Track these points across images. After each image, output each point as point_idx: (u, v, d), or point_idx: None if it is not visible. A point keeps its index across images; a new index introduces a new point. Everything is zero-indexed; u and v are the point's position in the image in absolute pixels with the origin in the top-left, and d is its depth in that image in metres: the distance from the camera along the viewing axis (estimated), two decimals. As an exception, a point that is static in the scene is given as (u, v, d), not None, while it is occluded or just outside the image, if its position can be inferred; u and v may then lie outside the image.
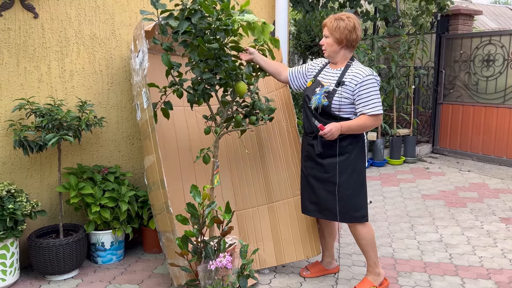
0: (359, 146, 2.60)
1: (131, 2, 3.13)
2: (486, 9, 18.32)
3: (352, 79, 2.48)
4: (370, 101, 2.45)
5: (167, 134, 3.10)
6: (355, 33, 2.50)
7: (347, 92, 2.47)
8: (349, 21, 2.48)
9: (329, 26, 2.51)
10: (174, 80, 2.55)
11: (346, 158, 2.56)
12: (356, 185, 2.58)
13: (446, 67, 6.75)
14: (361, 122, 2.48)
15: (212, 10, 2.32)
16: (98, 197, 2.91)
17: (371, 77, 2.46)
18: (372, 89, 2.45)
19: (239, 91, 2.55)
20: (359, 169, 2.60)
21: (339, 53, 2.55)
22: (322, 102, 2.50)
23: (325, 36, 2.57)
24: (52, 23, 2.87)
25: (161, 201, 2.59)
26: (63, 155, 3.02)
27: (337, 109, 2.50)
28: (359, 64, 2.56)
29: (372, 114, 2.46)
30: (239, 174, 3.14)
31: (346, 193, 2.56)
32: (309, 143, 2.68)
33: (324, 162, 2.59)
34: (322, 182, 2.62)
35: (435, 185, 5.18)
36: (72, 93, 3.01)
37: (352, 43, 2.53)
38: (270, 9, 3.85)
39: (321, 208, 2.65)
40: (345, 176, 2.56)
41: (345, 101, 2.48)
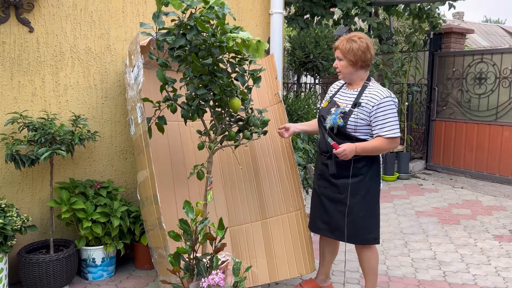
0: (375, 168, 2.55)
1: (127, 17, 3.15)
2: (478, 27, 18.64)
3: (369, 100, 2.43)
4: (388, 123, 2.40)
5: (160, 149, 3.08)
6: (369, 53, 2.46)
7: (363, 114, 2.43)
8: (362, 42, 2.44)
9: (342, 48, 2.46)
10: (168, 96, 2.55)
11: (360, 179, 2.51)
12: (369, 207, 2.54)
13: (439, 84, 6.82)
14: (377, 144, 2.43)
15: (207, 27, 2.33)
16: (90, 212, 2.88)
17: (389, 99, 2.42)
18: (390, 111, 2.40)
19: (234, 107, 2.56)
20: (373, 191, 2.55)
21: (354, 75, 2.51)
22: (337, 122, 2.46)
23: (339, 59, 2.51)
24: (47, 37, 2.88)
25: (154, 216, 2.56)
26: (55, 170, 2.99)
27: (353, 130, 2.45)
28: (376, 85, 2.51)
29: (389, 137, 2.41)
30: (232, 189, 3.12)
31: (359, 215, 2.52)
32: (323, 163, 2.64)
33: (338, 183, 2.55)
34: (335, 202, 2.58)
35: (429, 201, 5.18)
36: (66, 107, 3.00)
37: (366, 63, 2.49)
38: (265, 25, 3.89)
39: (333, 228, 2.60)
40: (358, 198, 2.52)
41: (361, 122, 2.44)
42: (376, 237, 2.57)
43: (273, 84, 3.32)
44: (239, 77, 2.59)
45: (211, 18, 2.40)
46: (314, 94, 6.07)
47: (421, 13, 6.06)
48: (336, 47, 2.52)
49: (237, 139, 2.73)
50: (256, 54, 2.40)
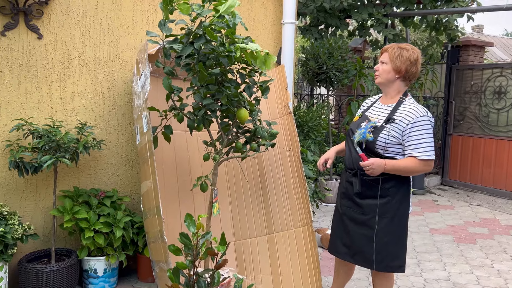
0: (404, 189, 2.36)
1: (136, 25, 3.12)
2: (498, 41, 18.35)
3: (403, 117, 2.27)
4: (422, 144, 2.23)
5: (166, 159, 3.03)
6: (415, 67, 2.32)
7: (396, 131, 2.27)
8: (413, 53, 2.32)
9: (390, 52, 2.33)
10: (174, 105, 2.50)
11: (387, 201, 2.32)
12: (396, 232, 2.34)
13: (456, 98, 6.66)
14: (408, 164, 2.25)
15: (216, 36, 2.28)
16: (93, 222, 2.82)
17: (425, 118, 2.25)
18: (425, 131, 2.24)
19: (241, 118, 2.49)
20: (401, 215, 2.35)
21: (393, 83, 2.36)
22: (367, 137, 2.30)
23: (382, 62, 2.37)
24: (55, 44, 2.86)
25: (156, 228, 2.49)
26: (60, 178, 2.96)
27: (383, 148, 2.30)
28: (413, 101, 2.35)
29: (422, 159, 2.23)
30: (238, 202, 3.04)
31: (384, 240, 2.33)
32: (348, 180, 2.45)
33: (362, 203, 2.37)
34: (358, 224, 2.40)
35: (444, 218, 5.01)
36: (73, 114, 2.97)
37: (410, 76, 2.34)
38: (277, 35, 3.83)
39: (354, 252, 2.42)
40: (385, 221, 2.33)
41: (392, 140, 2.28)
42: (402, 264, 2.36)
43: (283, 95, 3.25)
44: (246, 89, 2.53)
45: (222, 28, 2.34)
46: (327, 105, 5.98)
47: (438, 25, 5.94)
48: (385, 50, 2.39)
49: (243, 151, 2.66)
50: (264, 67, 2.33)
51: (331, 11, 5.73)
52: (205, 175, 2.47)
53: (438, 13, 5.53)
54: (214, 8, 2.37)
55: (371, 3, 5.85)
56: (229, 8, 2.34)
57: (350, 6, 5.62)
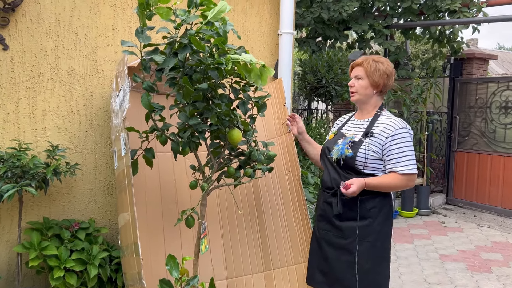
0: (386, 210, 2.21)
1: (117, 35, 2.80)
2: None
3: (382, 130, 2.16)
4: (403, 157, 2.11)
5: (150, 184, 2.67)
6: (391, 79, 2.26)
7: (375, 145, 2.14)
8: (388, 65, 2.24)
9: (366, 66, 2.21)
10: (155, 125, 2.16)
11: (368, 223, 2.16)
12: (378, 257, 2.17)
13: (460, 112, 6.38)
14: (389, 181, 2.12)
15: (203, 45, 1.96)
16: (64, 259, 2.45)
17: (405, 130, 2.15)
18: (406, 144, 2.12)
19: (233, 139, 2.15)
20: (383, 238, 2.20)
21: (371, 99, 2.26)
22: (345, 152, 2.16)
23: (358, 78, 2.25)
24: (24, 56, 2.53)
25: (134, 270, 2.13)
26: (27, 207, 2.59)
27: (362, 163, 2.15)
28: (390, 115, 2.26)
29: (404, 173, 2.11)
30: (232, 234, 2.68)
31: (365, 266, 2.14)
32: (326, 201, 2.28)
33: (342, 225, 2.19)
34: (337, 249, 2.21)
35: (453, 243, 4.67)
36: (43, 135, 2.62)
37: (386, 90, 2.28)
38: (274, 47, 3.53)
39: (332, 281, 2.21)
40: (366, 245, 2.15)
41: (372, 155, 2.14)
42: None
43: (280, 112, 2.92)
44: (240, 106, 2.19)
45: (211, 36, 2.03)
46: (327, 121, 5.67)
47: (441, 37, 5.68)
48: (359, 64, 2.26)
49: (237, 177, 2.32)
50: (259, 81, 2.00)
51: (330, 22, 5.46)
52: (191, 208, 2.12)
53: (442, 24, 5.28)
54: (201, 14, 2.05)
55: (371, 14, 5.59)
56: (218, 13, 2.02)
57: (349, 17, 5.36)
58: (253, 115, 2.33)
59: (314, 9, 5.33)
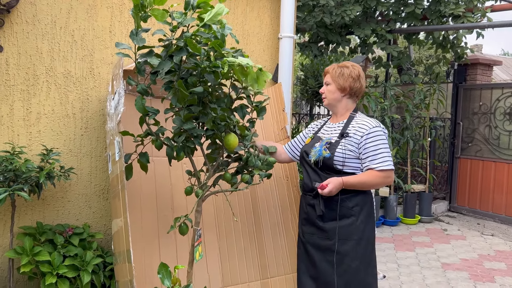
0: (368, 208, 2.23)
1: (114, 37, 2.76)
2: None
3: (357, 130, 2.21)
4: (379, 154, 2.15)
5: (145, 190, 2.62)
6: (359, 82, 2.29)
7: (351, 144, 2.19)
8: (354, 69, 2.29)
9: (332, 72, 2.31)
10: (149, 130, 2.11)
11: (352, 222, 2.17)
12: (365, 256, 2.18)
13: (464, 119, 6.30)
14: (367, 178, 2.15)
15: (199, 48, 1.91)
16: (56, 265, 2.40)
17: (379, 129, 2.20)
18: (380, 142, 2.17)
19: (229, 145, 2.10)
20: (367, 236, 2.21)
21: (340, 102, 2.32)
22: (323, 154, 2.21)
23: (326, 84, 2.35)
24: (19, 58, 2.49)
25: (126, 278, 2.08)
26: (21, 212, 2.55)
27: (341, 163, 2.19)
28: (363, 116, 2.32)
29: (381, 169, 2.14)
30: (228, 241, 2.63)
31: (352, 266, 2.13)
32: (308, 203, 2.30)
33: (325, 227, 2.21)
34: (323, 251, 2.21)
35: (456, 251, 4.59)
36: (38, 138, 2.58)
37: (355, 92, 2.31)
38: (274, 51, 3.48)
39: (321, 285, 2.19)
40: (350, 244, 2.15)
41: (349, 154, 2.19)
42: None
43: (279, 117, 2.87)
44: (238, 110, 2.14)
45: (207, 39, 1.98)
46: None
47: (445, 42, 5.62)
48: (326, 71, 2.37)
49: (233, 183, 2.26)
50: (256, 85, 1.95)
51: (332, 26, 5.41)
52: (184, 215, 2.07)
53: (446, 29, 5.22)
54: (198, 17, 2.01)
55: (374, 19, 5.54)
56: (215, 16, 1.98)
57: (352, 21, 5.31)
58: (253, 119, 2.28)
59: (316, 13, 5.29)
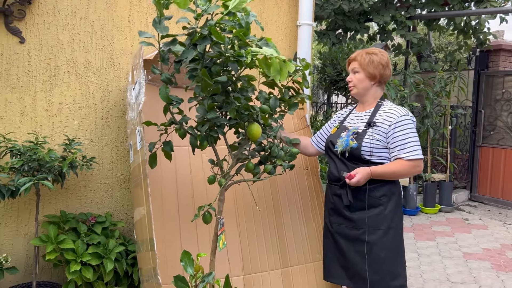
0: (396, 198, 2.21)
1: (133, 27, 2.76)
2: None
3: (385, 119, 2.17)
4: (408, 144, 2.11)
5: (166, 179, 2.63)
6: (388, 69, 2.25)
7: (379, 134, 2.15)
8: (383, 56, 2.24)
9: (360, 60, 2.23)
10: (173, 118, 2.11)
11: (380, 211, 2.16)
12: (393, 245, 2.16)
13: (486, 106, 6.17)
14: (396, 167, 2.12)
15: (223, 36, 1.89)
16: (80, 253, 2.44)
17: (407, 117, 2.16)
18: (409, 131, 2.13)
19: (252, 134, 2.08)
20: (396, 225, 2.19)
21: (370, 91, 2.26)
22: (350, 144, 2.17)
23: (354, 72, 2.28)
24: (40, 49, 2.51)
25: (150, 266, 2.10)
26: (45, 201, 2.59)
27: (368, 153, 2.15)
28: (391, 104, 2.28)
29: (410, 159, 2.10)
30: (248, 230, 2.63)
31: (380, 255, 2.12)
32: (335, 193, 2.28)
33: (354, 216, 2.19)
34: (351, 240, 2.21)
35: (477, 241, 4.52)
36: (60, 128, 2.61)
37: (384, 80, 2.28)
38: (292, 39, 3.44)
39: (351, 274, 2.19)
40: (379, 234, 2.14)
41: (377, 144, 2.15)
42: (403, 283, 2.15)
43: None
44: (272, 100, 2.14)
45: (232, 27, 1.96)
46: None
47: (467, 28, 5.48)
48: (353, 59, 2.29)
49: (256, 173, 2.25)
50: (278, 76, 1.93)
51: (350, 13, 5.32)
52: (208, 204, 2.07)
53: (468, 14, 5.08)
54: (223, 4, 1.98)
55: (393, 5, 5.43)
56: (240, 3, 1.94)
57: (370, 8, 5.21)
58: (283, 111, 2.27)
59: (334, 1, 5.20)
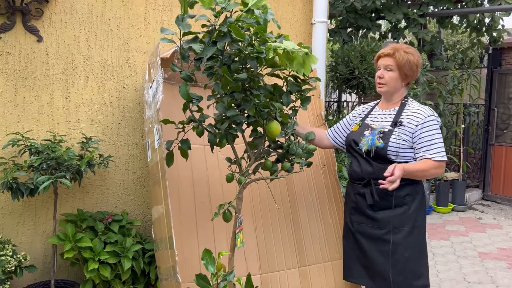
0: (420, 197, 2.20)
1: (149, 26, 2.76)
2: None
3: (411, 119, 2.14)
4: (434, 145, 2.11)
5: (183, 178, 2.63)
6: (418, 71, 2.25)
7: (405, 134, 2.13)
8: (419, 58, 2.22)
9: (398, 58, 2.15)
10: (192, 116, 2.10)
11: (404, 211, 2.14)
12: (417, 245, 2.16)
13: (499, 104, 6.11)
14: (424, 167, 2.09)
15: (243, 34, 1.88)
16: (98, 252, 2.44)
17: (433, 117, 2.15)
18: (435, 131, 2.12)
19: (271, 132, 2.07)
20: (420, 225, 2.18)
21: (399, 90, 2.24)
22: (376, 143, 2.13)
23: (388, 69, 2.19)
24: (57, 48, 2.51)
25: (169, 264, 2.10)
26: (62, 199, 2.59)
27: (394, 153, 2.13)
28: (415, 102, 2.26)
29: (437, 160, 2.09)
30: (265, 229, 2.61)
31: (404, 255, 2.11)
32: (357, 193, 2.25)
33: (377, 216, 2.17)
34: (374, 240, 2.19)
35: (492, 240, 4.48)
36: (77, 127, 2.61)
37: (411, 81, 2.29)
38: (307, 36, 3.42)
39: (373, 274, 2.18)
40: (403, 233, 2.13)
41: (403, 144, 2.13)
42: (426, 284, 2.15)
43: (315, 104, 2.83)
44: (284, 96, 2.12)
45: (250, 25, 1.94)
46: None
47: (480, 25, 5.42)
48: (388, 54, 2.19)
49: (274, 171, 2.24)
50: (302, 70, 1.92)
51: (362, 11, 5.29)
52: (228, 202, 2.06)
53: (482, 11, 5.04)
54: (242, 1, 1.97)
55: (405, 3, 5.39)
56: (259, 1, 1.93)
57: (382, 5, 5.17)
58: (295, 107, 2.25)
59: (346, -2, 5.17)
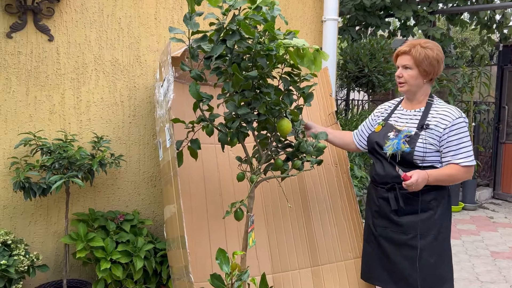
0: (445, 202, 2.13)
1: (159, 24, 2.75)
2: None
3: (438, 121, 2.05)
4: (462, 149, 2.02)
5: (194, 176, 2.62)
6: (442, 65, 2.12)
7: (433, 138, 2.04)
8: (438, 51, 2.09)
9: (415, 54, 2.06)
10: (203, 115, 2.09)
11: (429, 216, 2.08)
12: (442, 251, 2.11)
13: (509, 102, 6.04)
14: (452, 172, 2.03)
15: (253, 31, 1.86)
16: (110, 251, 2.44)
17: (461, 119, 2.04)
18: (464, 135, 2.02)
19: (282, 130, 2.06)
20: (445, 231, 2.13)
21: (422, 88, 2.13)
22: (402, 148, 2.05)
23: (407, 67, 2.10)
24: (68, 47, 2.51)
25: (181, 264, 2.09)
26: (73, 199, 2.60)
27: (421, 158, 2.04)
28: (442, 102, 2.15)
29: (465, 165, 2.02)
30: (277, 228, 2.60)
31: (430, 261, 2.06)
32: (381, 197, 2.19)
33: (402, 221, 2.11)
34: (398, 245, 2.13)
35: (504, 239, 4.43)
36: (88, 126, 2.61)
37: (435, 77, 2.16)
38: (317, 34, 3.40)
39: (397, 278, 2.13)
40: (429, 239, 2.08)
41: (430, 148, 2.04)
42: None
43: (327, 102, 2.81)
44: (286, 97, 2.10)
45: (258, 22, 1.93)
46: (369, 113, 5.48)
47: (490, 22, 5.36)
48: (404, 52, 2.10)
49: (285, 169, 2.22)
50: (313, 67, 1.89)
51: (371, 9, 5.25)
52: (240, 200, 2.05)
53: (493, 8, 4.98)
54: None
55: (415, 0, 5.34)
56: (268, -3, 1.92)
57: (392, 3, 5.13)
58: (300, 105, 2.22)
59: (354, -4, 5.14)
